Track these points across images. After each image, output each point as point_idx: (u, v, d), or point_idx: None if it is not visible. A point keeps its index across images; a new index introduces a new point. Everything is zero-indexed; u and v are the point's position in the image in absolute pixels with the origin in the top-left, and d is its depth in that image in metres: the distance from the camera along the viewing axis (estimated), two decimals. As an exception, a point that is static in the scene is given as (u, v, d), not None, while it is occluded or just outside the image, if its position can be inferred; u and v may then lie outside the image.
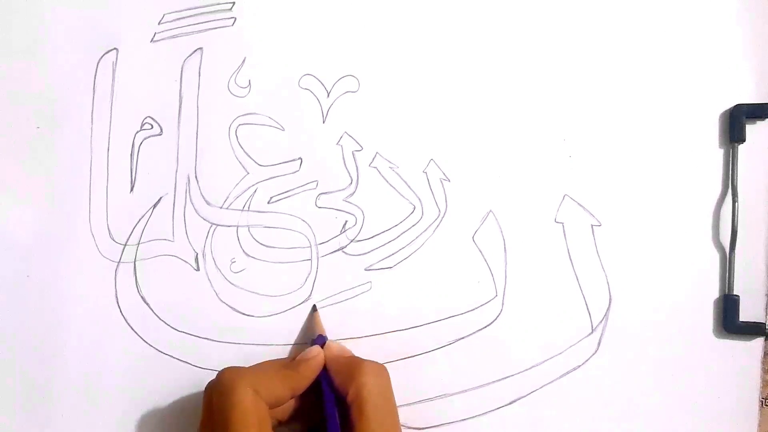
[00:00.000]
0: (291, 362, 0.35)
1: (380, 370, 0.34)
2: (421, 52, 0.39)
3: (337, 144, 0.39)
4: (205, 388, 0.34)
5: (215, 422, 0.32)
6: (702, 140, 0.38)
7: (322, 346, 0.36)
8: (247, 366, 0.34)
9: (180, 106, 0.40)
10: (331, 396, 0.34)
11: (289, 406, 0.35)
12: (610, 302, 0.38)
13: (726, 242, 0.37)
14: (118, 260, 0.40)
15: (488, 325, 0.38)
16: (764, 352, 0.37)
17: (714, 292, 0.37)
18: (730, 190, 0.37)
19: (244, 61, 0.40)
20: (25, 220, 0.40)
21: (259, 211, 0.39)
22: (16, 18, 0.41)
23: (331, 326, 0.36)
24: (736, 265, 0.37)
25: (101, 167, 0.40)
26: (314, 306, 0.38)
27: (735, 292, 0.36)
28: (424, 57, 0.39)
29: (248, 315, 0.39)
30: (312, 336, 0.38)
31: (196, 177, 0.40)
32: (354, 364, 0.34)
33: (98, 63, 0.41)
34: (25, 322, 0.40)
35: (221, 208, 0.40)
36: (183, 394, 0.39)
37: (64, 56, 0.41)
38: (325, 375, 0.35)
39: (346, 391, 0.33)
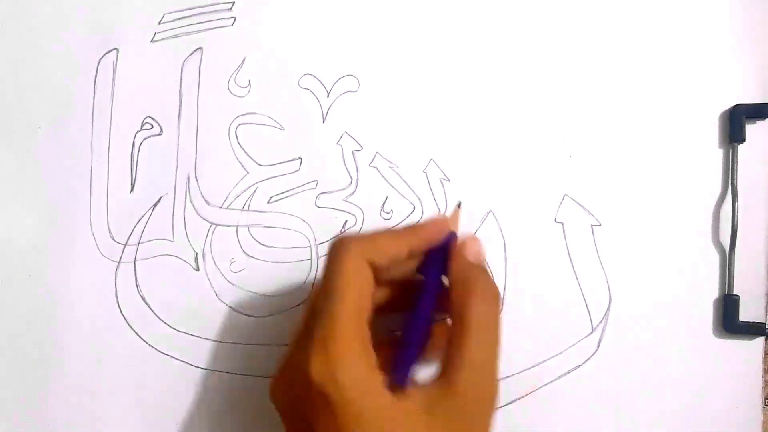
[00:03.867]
0: (411, 225, 0.33)
1: (494, 299, 0.31)
2: (421, 52, 0.39)
3: (337, 144, 0.39)
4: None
5: (322, 286, 0.30)
6: (702, 140, 0.38)
7: (449, 243, 0.33)
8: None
9: (180, 106, 0.40)
10: (439, 274, 0.32)
11: (386, 294, 0.33)
12: (610, 302, 0.38)
13: (726, 242, 0.37)
14: (118, 260, 0.40)
15: (488, 325, 0.38)
16: (765, 352, 0.37)
17: (714, 292, 0.37)
18: (730, 190, 0.37)
19: (244, 61, 0.40)
20: (26, 220, 0.40)
21: (259, 211, 0.39)
22: (16, 18, 0.41)
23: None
24: (736, 265, 0.37)
25: (101, 167, 0.40)
26: (459, 203, 0.37)
27: (735, 292, 0.36)
28: (424, 57, 0.39)
29: (248, 315, 0.39)
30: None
31: (196, 177, 0.40)
32: (475, 277, 0.31)
33: (98, 63, 0.41)
34: (25, 322, 0.40)
35: (221, 208, 0.40)
36: (183, 393, 0.39)
37: (64, 56, 0.41)
38: (440, 257, 0.33)
39: (455, 301, 0.31)
